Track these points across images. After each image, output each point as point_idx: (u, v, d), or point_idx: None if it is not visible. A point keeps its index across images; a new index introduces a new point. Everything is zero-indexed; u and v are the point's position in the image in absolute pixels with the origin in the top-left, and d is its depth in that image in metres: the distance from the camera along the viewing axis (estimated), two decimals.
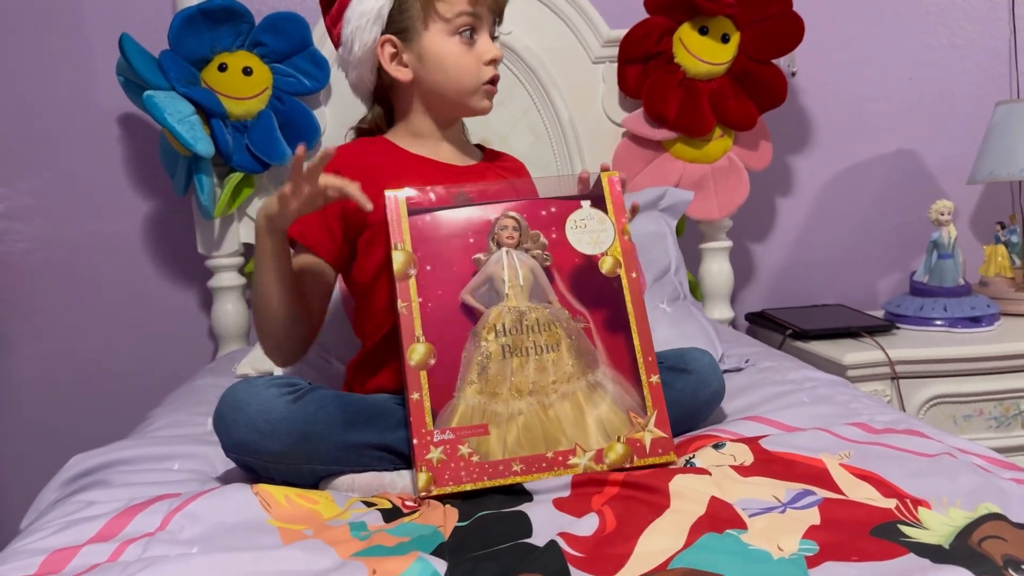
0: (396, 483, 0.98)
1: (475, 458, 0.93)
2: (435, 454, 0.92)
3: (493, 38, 1.18)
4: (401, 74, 1.16)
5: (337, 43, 1.22)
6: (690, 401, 1.10)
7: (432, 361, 0.95)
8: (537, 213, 1.03)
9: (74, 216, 1.92)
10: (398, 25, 1.14)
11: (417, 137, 1.21)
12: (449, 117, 1.21)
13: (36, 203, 1.92)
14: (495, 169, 1.24)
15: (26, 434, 1.95)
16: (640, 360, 1.00)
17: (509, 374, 0.96)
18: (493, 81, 1.17)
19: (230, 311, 1.82)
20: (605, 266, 1.03)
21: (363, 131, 1.26)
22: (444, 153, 1.21)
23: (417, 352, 0.96)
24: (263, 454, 0.95)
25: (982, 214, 2.15)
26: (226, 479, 1.04)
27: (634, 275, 1.03)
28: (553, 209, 1.04)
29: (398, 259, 0.99)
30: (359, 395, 1.03)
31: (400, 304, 0.97)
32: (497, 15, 1.18)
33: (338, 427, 0.96)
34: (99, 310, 1.95)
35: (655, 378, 0.99)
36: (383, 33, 1.15)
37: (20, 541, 0.86)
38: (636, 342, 1.00)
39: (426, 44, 1.14)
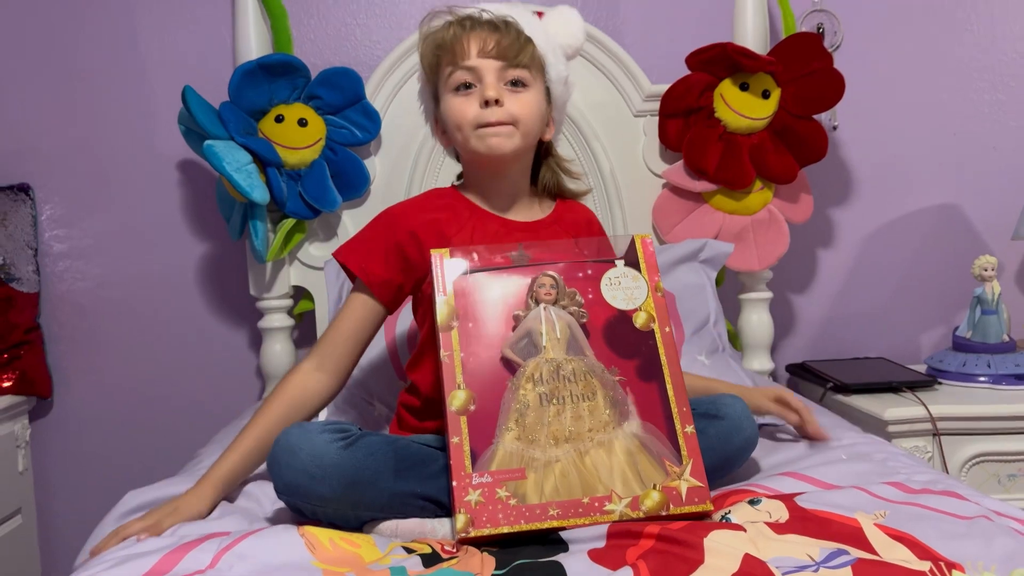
0: (437, 530, 1.01)
1: (512, 501, 0.95)
2: (473, 496, 0.95)
3: (513, 83, 1.17)
4: (444, 141, 1.26)
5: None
6: (723, 447, 1.12)
7: (472, 407, 0.99)
8: (574, 275, 1.09)
9: (133, 256, 2.01)
10: (436, 96, 1.22)
11: (476, 192, 1.26)
12: (480, 171, 1.24)
13: (97, 243, 2.00)
14: (556, 227, 1.26)
15: (80, 463, 2.02)
16: (675, 411, 1.03)
17: (547, 422, 0.99)
18: (489, 123, 1.15)
19: (278, 351, 1.88)
20: (639, 320, 1.08)
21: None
22: (505, 206, 1.25)
23: (458, 398, 1.00)
24: (313, 498, 0.98)
25: None
26: (273, 519, 1.07)
27: (668, 329, 1.07)
28: (589, 271, 1.10)
29: (442, 311, 1.04)
30: (407, 441, 1.07)
31: (443, 353, 1.01)
32: (497, 61, 1.16)
33: (386, 475, 1.00)
34: (153, 347, 2.02)
35: (690, 428, 1.02)
36: (436, 111, 1.24)
37: (79, 574, 0.90)
38: (671, 394, 1.04)
39: (442, 108, 1.21)
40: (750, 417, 1.16)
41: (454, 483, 0.96)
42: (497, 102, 1.14)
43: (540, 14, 1.25)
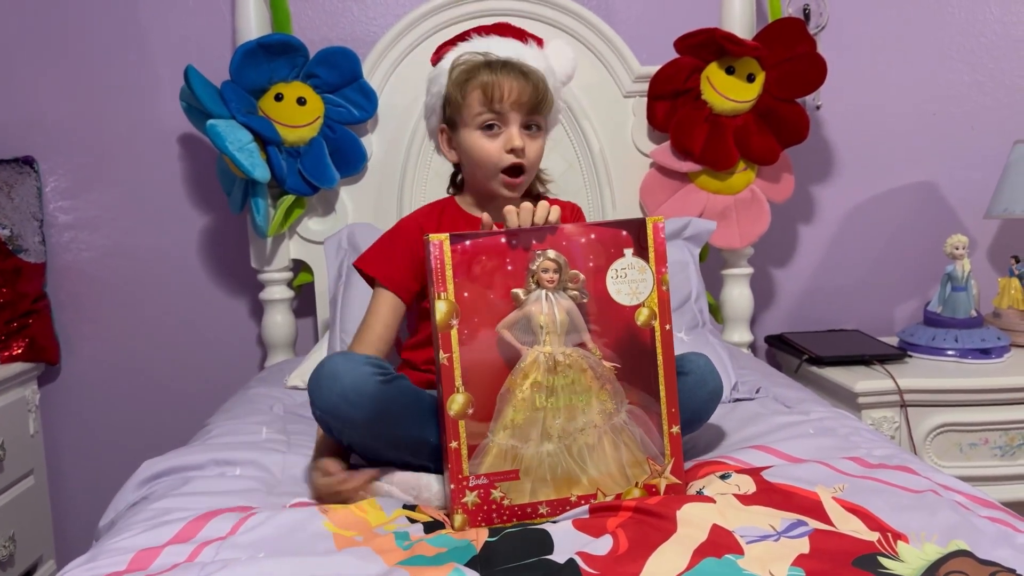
0: (432, 485, 1.09)
1: (506, 501, 1.02)
2: (470, 498, 1.02)
3: (527, 127, 1.28)
4: (450, 156, 1.35)
5: None
6: (690, 401, 1.18)
7: (470, 411, 1.02)
8: (576, 242, 1.05)
9: (136, 228, 2.07)
10: (449, 116, 1.31)
11: (477, 205, 1.36)
12: (485, 194, 1.34)
13: (102, 215, 2.06)
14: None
15: (87, 427, 2.11)
16: (664, 411, 1.07)
17: (540, 421, 1.04)
18: (511, 172, 1.28)
19: (279, 322, 1.95)
20: (641, 318, 1.06)
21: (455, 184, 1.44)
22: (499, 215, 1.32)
23: (456, 403, 1.02)
24: (346, 421, 1.07)
25: (1000, 246, 2.22)
26: (285, 488, 1.15)
27: (668, 327, 1.07)
28: (593, 236, 1.05)
29: (441, 309, 1.01)
30: (430, 396, 1.12)
31: (442, 355, 1.01)
32: (522, 112, 1.27)
33: (411, 417, 1.08)
34: (157, 315, 2.09)
35: (675, 428, 1.07)
36: (442, 120, 1.32)
37: (109, 540, 0.98)
38: (662, 392, 1.07)
39: (462, 136, 1.30)
40: (714, 371, 1.23)
41: (452, 486, 1.02)
42: (522, 150, 1.26)
43: (540, 42, 1.34)
